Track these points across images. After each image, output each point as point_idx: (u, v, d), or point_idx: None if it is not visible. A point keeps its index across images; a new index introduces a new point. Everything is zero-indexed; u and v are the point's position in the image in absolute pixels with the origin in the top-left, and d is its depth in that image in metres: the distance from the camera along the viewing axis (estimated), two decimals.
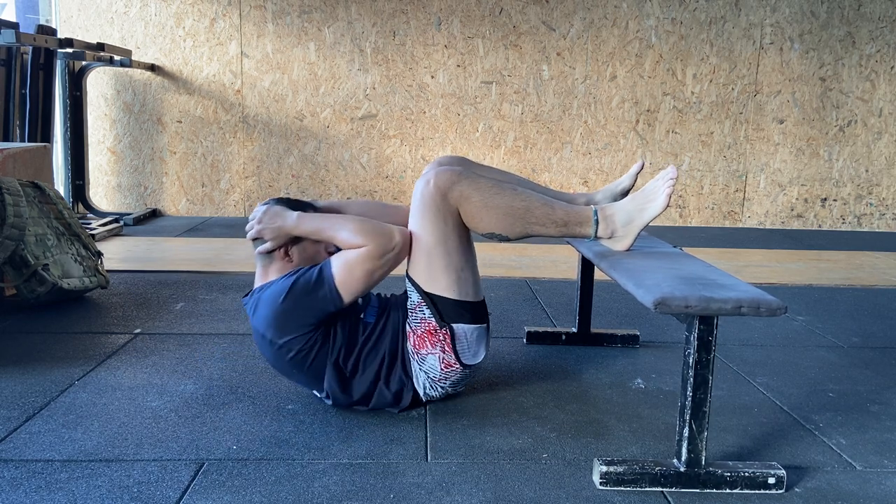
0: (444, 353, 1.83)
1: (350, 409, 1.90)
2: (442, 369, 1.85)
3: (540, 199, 1.83)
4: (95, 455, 1.64)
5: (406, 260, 1.86)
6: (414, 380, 1.87)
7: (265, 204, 1.88)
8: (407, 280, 1.87)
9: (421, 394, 1.88)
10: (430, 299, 1.82)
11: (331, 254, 1.91)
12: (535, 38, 4.82)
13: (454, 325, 1.83)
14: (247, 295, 1.91)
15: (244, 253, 3.76)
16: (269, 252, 1.87)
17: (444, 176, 1.78)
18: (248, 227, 1.87)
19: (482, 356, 1.91)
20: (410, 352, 1.86)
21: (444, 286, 1.82)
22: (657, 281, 1.58)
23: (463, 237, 1.83)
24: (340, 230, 1.78)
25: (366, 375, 1.85)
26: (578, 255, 2.45)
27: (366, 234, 1.75)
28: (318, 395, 1.93)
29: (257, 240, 1.87)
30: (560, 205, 1.84)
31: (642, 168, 2.07)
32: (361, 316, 1.88)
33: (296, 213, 1.84)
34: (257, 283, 1.90)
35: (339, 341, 1.83)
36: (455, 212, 1.80)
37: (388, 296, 1.98)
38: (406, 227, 1.84)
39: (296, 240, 1.87)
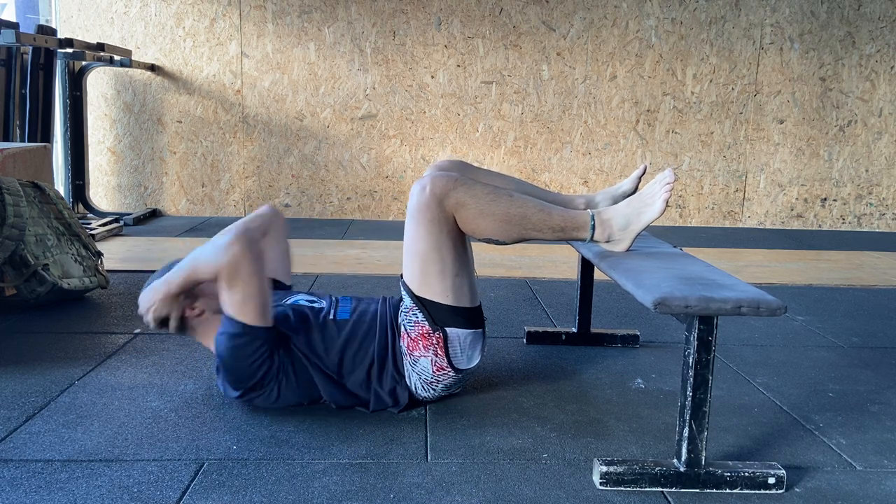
0: (436, 356, 1.83)
1: (351, 409, 1.90)
2: (434, 372, 1.85)
3: (537, 205, 1.82)
4: (95, 455, 1.64)
5: (402, 264, 1.86)
6: (406, 379, 1.87)
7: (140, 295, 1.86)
8: (401, 284, 1.87)
9: (414, 393, 1.89)
10: (422, 304, 1.82)
11: None
12: (535, 38, 4.82)
13: (447, 329, 1.83)
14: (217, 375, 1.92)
15: None
16: (182, 322, 1.84)
17: (440, 182, 1.78)
18: (144, 320, 1.83)
19: (476, 361, 1.90)
20: (404, 351, 1.86)
21: (438, 291, 1.82)
22: (657, 281, 1.58)
23: (458, 243, 1.83)
24: (196, 267, 1.74)
25: (357, 374, 1.85)
26: (578, 256, 2.45)
27: (212, 258, 1.71)
28: (326, 404, 1.93)
29: (163, 323, 1.83)
30: (557, 210, 1.84)
31: (644, 172, 2.07)
32: (331, 317, 1.88)
33: (162, 278, 1.80)
34: (212, 350, 1.90)
35: (309, 350, 1.83)
36: (451, 218, 1.80)
37: (370, 297, 2.00)
38: (247, 225, 1.82)
39: (190, 296, 1.84)
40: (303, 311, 1.89)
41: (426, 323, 1.82)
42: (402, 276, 1.87)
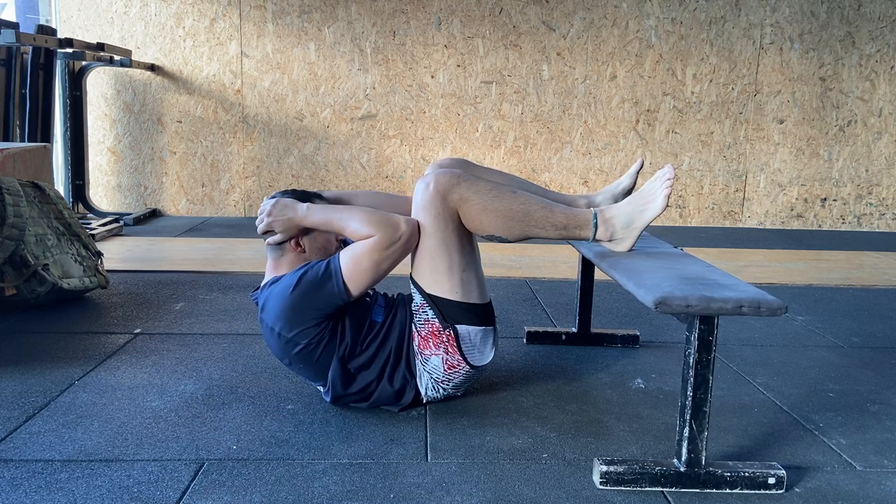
0: (447, 354, 1.83)
1: (350, 408, 1.90)
2: (445, 370, 1.85)
3: (539, 203, 1.83)
4: (95, 455, 1.64)
5: (410, 262, 1.86)
6: (417, 379, 1.87)
7: (273, 197, 1.88)
8: (410, 282, 1.87)
9: (422, 394, 1.88)
10: (433, 301, 1.82)
11: (341, 242, 1.92)
12: (535, 38, 4.82)
13: (458, 326, 1.83)
14: (256, 289, 1.91)
15: (244, 253, 3.76)
16: (280, 244, 1.87)
17: (443, 179, 1.78)
18: (258, 220, 1.87)
19: (490, 358, 1.91)
20: (415, 351, 1.86)
21: (447, 288, 1.82)
22: (657, 281, 1.58)
23: (464, 239, 1.83)
24: (349, 221, 1.79)
25: (370, 371, 1.86)
26: (578, 255, 2.45)
27: (374, 225, 1.75)
28: (320, 389, 1.93)
29: (268, 233, 1.86)
30: (560, 208, 1.84)
31: (642, 167, 2.07)
32: (370, 313, 1.88)
33: (305, 205, 1.84)
34: (267, 277, 1.91)
35: (347, 337, 1.83)
36: (455, 214, 1.80)
37: (395, 295, 1.98)
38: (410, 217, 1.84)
39: (306, 231, 1.87)
40: (361, 301, 1.89)
41: (436, 320, 1.82)
42: (410, 274, 1.87)
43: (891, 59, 4.91)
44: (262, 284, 1.90)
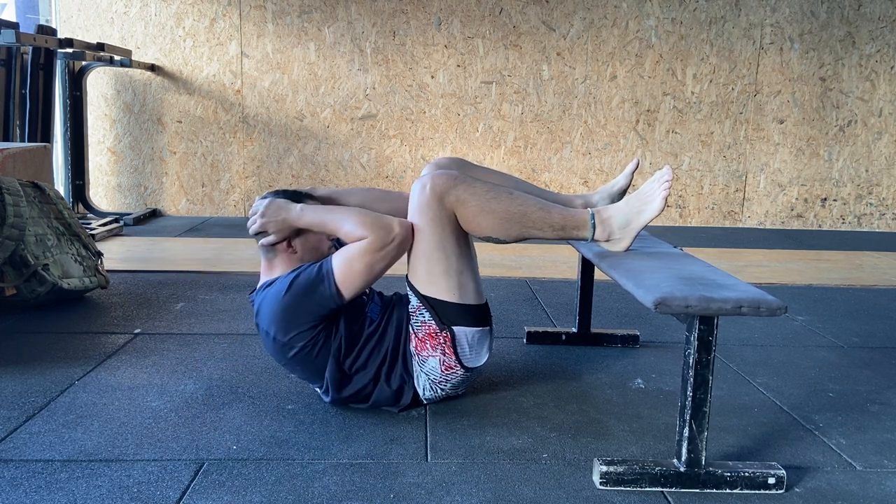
0: (444, 355, 1.83)
1: (350, 408, 1.90)
2: (442, 371, 1.85)
3: (537, 203, 1.82)
4: (95, 455, 1.64)
5: (406, 264, 1.86)
6: (414, 379, 1.87)
7: (265, 197, 1.88)
8: (406, 284, 1.87)
9: (420, 394, 1.88)
10: (429, 303, 1.82)
11: (333, 242, 1.92)
12: (535, 38, 4.82)
13: (455, 328, 1.83)
14: (252, 291, 1.91)
15: (244, 253, 3.76)
16: (273, 245, 1.86)
17: (440, 180, 1.78)
18: (250, 221, 1.86)
19: (485, 359, 1.90)
20: (412, 352, 1.86)
21: (443, 290, 1.82)
22: (657, 281, 1.58)
23: (461, 240, 1.83)
24: (343, 222, 1.78)
25: (367, 372, 1.86)
26: (578, 255, 2.45)
27: (367, 227, 1.75)
28: (318, 390, 1.93)
29: (260, 234, 1.86)
30: (557, 208, 1.83)
31: (638, 166, 2.07)
32: (366, 312, 1.88)
33: (298, 206, 1.84)
34: (262, 279, 1.90)
35: (343, 338, 1.83)
36: (452, 216, 1.80)
37: (392, 294, 1.98)
38: (407, 216, 1.84)
39: (299, 231, 1.86)
40: (356, 301, 1.89)
41: (433, 322, 1.82)
42: (406, 276, 1.87)
43: (891, 59, 4.91)
44: (258, 286, 1.90)
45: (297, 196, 1.89)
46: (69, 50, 4.13)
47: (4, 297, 2.69)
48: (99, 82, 4.78)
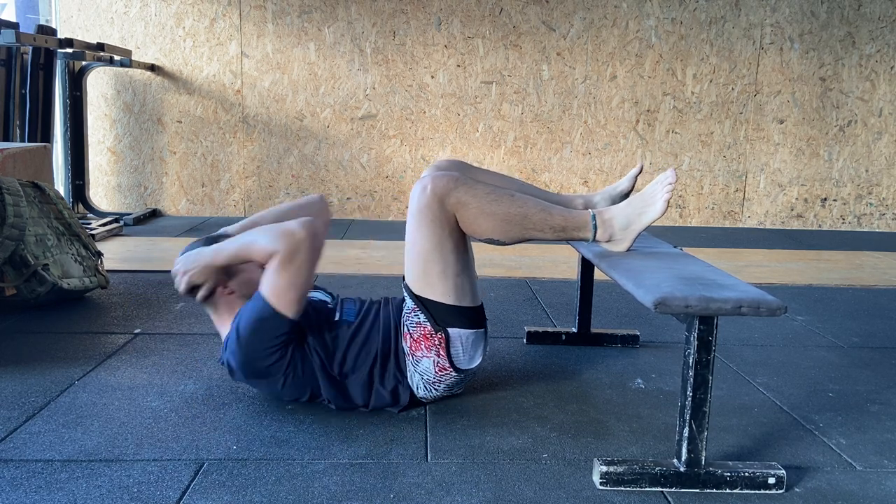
0: (438, 357, 1.83)
1: (350, 409, 1.90)
2: (436, 373, 1.85)
3: (537, 205, 1.82)
4: (95, 455, 1.64)
5: (404, 265, 1.86)
6: (408, 378, 1.87)
7: (180, 255, 1.86)
8: (403, 286, 1.87)
9: (415, 392, 1.89)
10: (424, 305, 1.82)
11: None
12: (535, 38, 4.82)
13: (449, 330, 1.83)
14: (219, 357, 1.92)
15: None
16: (212, 295, 1.86)
17: (440, 182, 1.78)
18: (176, 282, 1.84)
19: (478, 361, 1.90)
20: (406, 352, 1.86)
21: (440, 292, 1.81)
22: (657, 281, 1.58)
23: (460, 243, 1.83)
24: (252, 247, 1.76)
25: (359, 374, 1.85)
26: (578, 256, 2.45)
27: (272, 242, 1.72)
28: (324, 403, 1.93)
29: (192, 290, 1.84)
30: (558, 210, 1.83)
31: (641, 171, 2.07)
32: (337, 318, 1.88)
33: (211, 247, 1.81)
34: (222, 336, 1.90)
35: (319, 348, 1.83)
36: (452, 218, 1.79)
37: (373, 299, 1.99)
38: (310, 217, 1.82)
39: (227, 272, 1.85)
40: (320, 309, 1.89)
41: (428, 324, 1.82)
42: (404, 277, 1.87)
43: (891, 59, 4.91)
44: (222, 347, 1.90)
45: (209, 241, 1.87)
46: (69, 50, 4.13)
47: (4, 297, 2.69)
48: (99, 82, 4.78)
